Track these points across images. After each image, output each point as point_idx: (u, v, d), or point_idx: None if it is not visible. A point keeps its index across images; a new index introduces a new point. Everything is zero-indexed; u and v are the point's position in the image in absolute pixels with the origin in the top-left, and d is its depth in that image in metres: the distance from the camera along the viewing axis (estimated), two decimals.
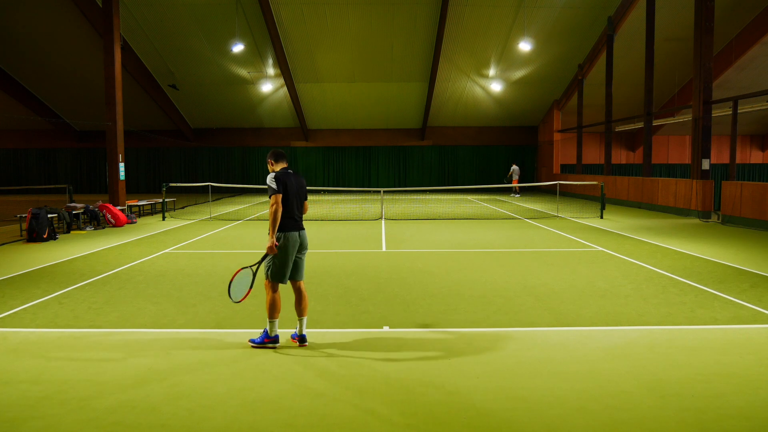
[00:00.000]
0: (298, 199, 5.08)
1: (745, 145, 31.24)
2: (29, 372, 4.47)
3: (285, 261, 4.97)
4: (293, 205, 5.00)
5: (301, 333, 5.08)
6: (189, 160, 31.68)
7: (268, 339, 4.98)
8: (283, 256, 4.95)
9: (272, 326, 4.98)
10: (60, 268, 8.91)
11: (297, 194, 5.05)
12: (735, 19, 21.32)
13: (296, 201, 5.05)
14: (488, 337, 5.32)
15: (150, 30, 22.87)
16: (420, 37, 23.75)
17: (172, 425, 3.57)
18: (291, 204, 4.98)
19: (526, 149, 32.05)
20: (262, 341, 4.99)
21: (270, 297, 4.98)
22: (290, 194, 4.97)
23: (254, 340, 5.04)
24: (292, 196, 4.98)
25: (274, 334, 5.00)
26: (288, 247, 4.96)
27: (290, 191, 4.98)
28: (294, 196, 5.01)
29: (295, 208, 5.01)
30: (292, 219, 5.00)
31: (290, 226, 4.98)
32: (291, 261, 5.02)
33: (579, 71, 25.74)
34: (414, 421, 3.62)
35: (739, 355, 4.79)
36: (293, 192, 5.00)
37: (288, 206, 4.96)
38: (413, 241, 11.69)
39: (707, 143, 16.10)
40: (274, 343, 4.99)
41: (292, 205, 4.98)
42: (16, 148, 31.59)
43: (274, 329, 5.00)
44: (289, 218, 4.97)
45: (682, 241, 11.40)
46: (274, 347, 4.99)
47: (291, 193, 4.98)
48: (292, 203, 4.99)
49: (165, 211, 17.20)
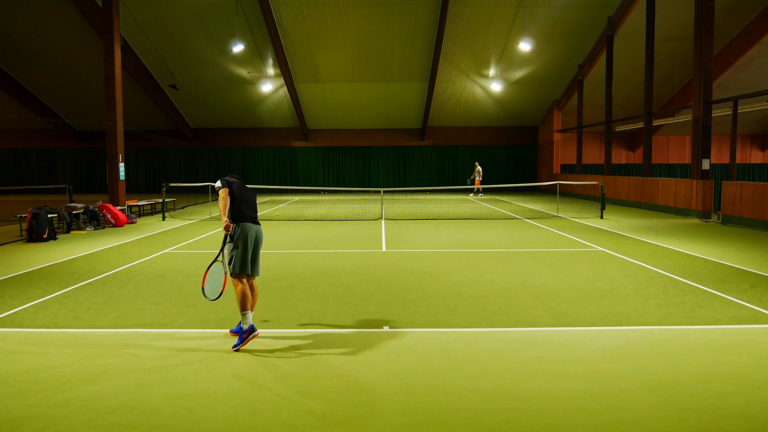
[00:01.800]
0: (247, 200, 5.48)
1: (745, 145, 31.24)
2: (29, 372, 4.47)
3: (244, 251, 5.31)
4: (241, 202, 5.39)
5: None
6: (189, 160, 31.68)
7: (246, 333, 5.10)
8: (242, 247, 5.30)
9: (246, 318, 5.14)
10: (60, 268, 8.91)
11: (246, 196, 5.47)
12: (735, 19, 21.32)
13: (245, 200, 5.43)
14: (488, 337, 5.32)
15: (150, 30, 22.87)
16: (420, 37, 23.75)
17: (172, 425, 3.57)
18: (238, 201, 5.38)
19: (526, 149, 32.06)
20: (242, 340, 5.07)
21: (239, 289, 5.24)
22: (236, 193, 5.38)
23: (236, 345, 5.06)
24: (238, 195, 5.39)
25: (249, 324, 5.13)
26: (246, 237, 5.32)
27: (236, 191, 5.39)
28: (241, 196, 5.41)
29: (243, 205, 5.41)
30: (244, 214, 5.39)
31: (243, 219, 5.37)
32: (249, 251, 5.35)
33: (579, 71, 25.74)
34: (414, 420, 3.62)
35: (739, 355, 4.79)
36: (239, 192, 5.41)
37: (236, 203, 5.36)
38: (413, 241, 11.69)
39: (707, 143, 16.10)
40: (253, 333, 5.11)
41: (239, 202, 5.38)
42: (16, 148, 31.60)
43: (248, 320, 5.14)
44: (241, 213, 5.38)
45: (682, 241, 11.40)
46: (254, 336, 5.10)
47: (237, 193, 5.38)
48: (239, 200, 5.39)
49: (165, 211, 17.20)
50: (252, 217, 5.45)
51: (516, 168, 31.94)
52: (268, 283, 7.65)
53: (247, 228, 5.34)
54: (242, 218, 5.35)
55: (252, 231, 5.38)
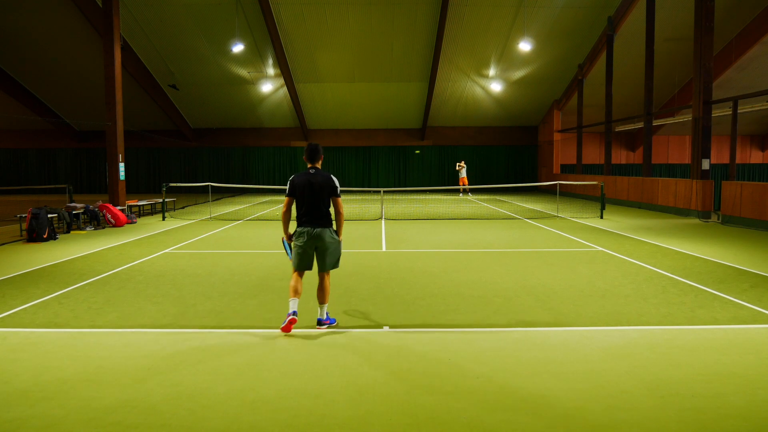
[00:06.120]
0: (310, 198, 5.50)
1: (745, 145, 31.23)
2: (29, 372, 4.47)
3: (296, 252, 5.57)
4: (301, 206, 5.54)
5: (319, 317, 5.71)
6: (189, 160, 31.67)
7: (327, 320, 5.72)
8: (296, 247, 5.58)
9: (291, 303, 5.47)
10: (60, 268, 8.91)
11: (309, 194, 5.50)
12: (735, 19, 21.32)
13: (306, 201, 5.51)
14: (488, 337, 5.32)
15: (150, 30, 22.87)
16: (420, 37, 23.75)
17: (172, 425, 3.57)
18: (300, 204, 5.55)
19: (526, 149, 32.05)
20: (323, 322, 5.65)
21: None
22: (301, 195, 5.52)
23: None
24: (301, 197, 5.53)
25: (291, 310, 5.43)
26: (297, 239, 5.58)
27: (299, 193, 5.53)
28: (304, 197, 5.51)
29: (302, 208, 5.54)
30: (301, 217, 5.56)
31: (300, 222, 5.58)
32: (301, 252, 5.54)
33: (579, 71, 25.74)
34: (414, 420, 3.62)
35: (739, 355, 4.79)
36: (302, 193, 5.52)
37: (297, 206, 5.58)
38: (413, 241, 11.69)
39: (707, 143, 16.10)
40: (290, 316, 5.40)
41: (300, 206, 5.55)
42: (16, 148, 31.58)
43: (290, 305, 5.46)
44: (298, 217, 5.60)
45: (682, 241, 11.40)
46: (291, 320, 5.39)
47: (301, 195, 5.52)
48: (301, 204, 5.55)
49: (165, 211, 17.20)
50: (306, 216, 5.53)
51: (516, 168, 31.93)
52: (268, 284, 7.65)
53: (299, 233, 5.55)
54: (299, 222, 5.57)
55: (302, 234, 5.53)
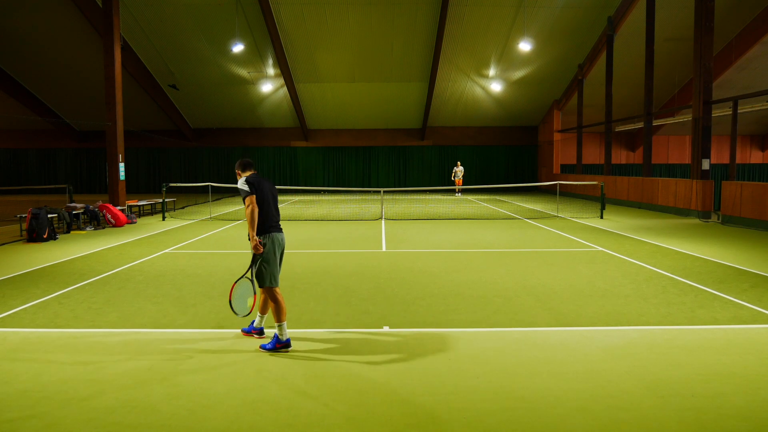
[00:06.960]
0: (274, 201, 5.16)
1: (745, 145, 31.23)
2: (29, 372, 4.47)
3: (274, 263, 5.04)
4: (270, 207, 5.05)
5: (258, 326, 5.34)
6: (189, 160, 31.67)
7: (279, 344, 4.92)
8: (271, 259, 5.01)
9: (282, 330, 4.93)
10: (60, 268, 8.91)
11: (273, 197, 5.16)
12: (735, 19, 21.31)
13: (273, 203, 5.12)
14: (488, 337, 5.32)
15: (150, 30, 22.86)
16: (420, 37, 23.75)
17: (172, 425, 3.57)
18: (268, 205, 5.04)
19: (526, 149, 32.05)
20: (273, 346, 4.92)
21: (277, 302, 4.98)
22: (266, 196, 5.04)
23: (265, 346, 4.95)
24: (268, 198, 5.05)
25: (286, 338, 4.94)
26: (274, 248, 5.04)
27: (265, 193, 5.04)
28: (270, 198, 5.08)
29: (272, 209, 5.08)
30: (271, 220, 5.05)
31: (271, 228, 5.04)
32: (277, 262, 5.09)
33: (579, 71, 25.74)
34: (414, 420, 3.62)
35: (739, 355, 4.79)
36: (268, 194, 5.06)
37: (265, 208, 5.01)
38: (413, 241, 11.69)
39: (707, 143, 16.09)
40: (286, 348, 4.93)
41: (269, 207, 5.04)
42: (16, 148, 31.59)
43: (284, 332, 4.94)
44: (268, 220, 5.02)
45: (682, 241, 11.40)
46: (286, 351, 4.92)
47: (266, 196, 5.04)
48: (269, 204, 5.05)
49: (165, 211, 17.19)
50: (276, 221, 5.10)
51: (516, 168, 31.93)
52: None
53: (275, 240, 5.03)
54: (270, 228, 5.00)
55: (278, 240, 5.07)
